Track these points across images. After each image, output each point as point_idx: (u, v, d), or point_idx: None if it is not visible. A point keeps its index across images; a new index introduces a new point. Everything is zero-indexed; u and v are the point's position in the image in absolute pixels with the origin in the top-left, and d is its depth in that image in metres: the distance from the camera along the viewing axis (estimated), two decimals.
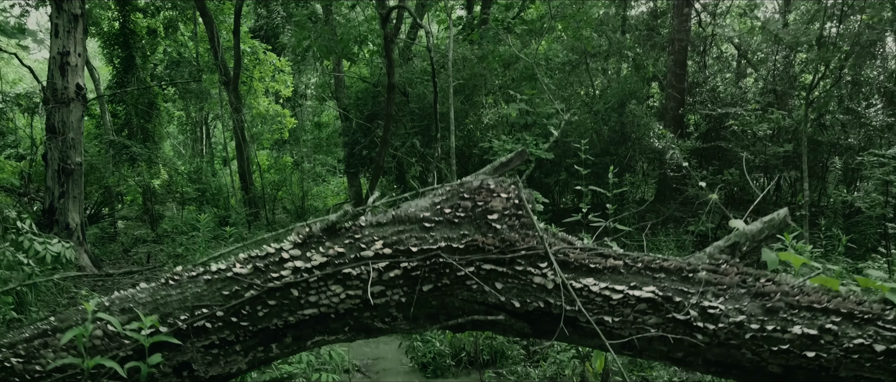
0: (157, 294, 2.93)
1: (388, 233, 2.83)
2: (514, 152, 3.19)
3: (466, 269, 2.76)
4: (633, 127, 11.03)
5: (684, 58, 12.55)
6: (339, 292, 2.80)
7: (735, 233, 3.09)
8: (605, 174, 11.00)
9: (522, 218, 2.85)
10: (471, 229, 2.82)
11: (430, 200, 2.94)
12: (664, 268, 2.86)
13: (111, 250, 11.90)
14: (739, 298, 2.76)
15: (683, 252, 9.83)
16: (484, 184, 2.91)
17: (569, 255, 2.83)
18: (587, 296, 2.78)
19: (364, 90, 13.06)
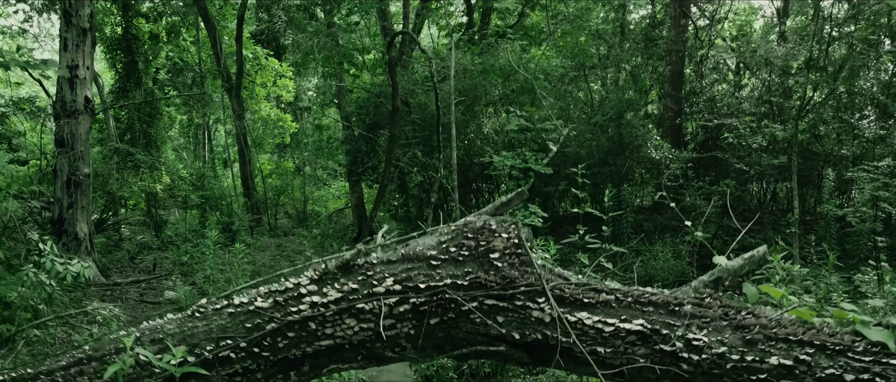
0: (184, 326, 3.17)
1: (398, 270, 3.09)
2: (514, 193, 3.44)
3: (470, 304, 3.01)
4: (630, 137, 11.27)
5: (681, 68, 12.80)
6: (353, 325, 3.05)
7: (718, 269, 3.34)
8: (604, 184, 11.29)
9: (522, 257, 3.11)
10: (474, 266, 3.08)
11: (436, 238, 3.19)
12: (652, 302, 3.11)
13: (117, 258, 12.14)
14: (722, 330, 3.02)
15: (680, 261, 10.10)
16: (486, 225, 3.16)
17: (564, 290, 3.08)
18: (581, 329, 3.04)
19: (366, 99, 13.30)
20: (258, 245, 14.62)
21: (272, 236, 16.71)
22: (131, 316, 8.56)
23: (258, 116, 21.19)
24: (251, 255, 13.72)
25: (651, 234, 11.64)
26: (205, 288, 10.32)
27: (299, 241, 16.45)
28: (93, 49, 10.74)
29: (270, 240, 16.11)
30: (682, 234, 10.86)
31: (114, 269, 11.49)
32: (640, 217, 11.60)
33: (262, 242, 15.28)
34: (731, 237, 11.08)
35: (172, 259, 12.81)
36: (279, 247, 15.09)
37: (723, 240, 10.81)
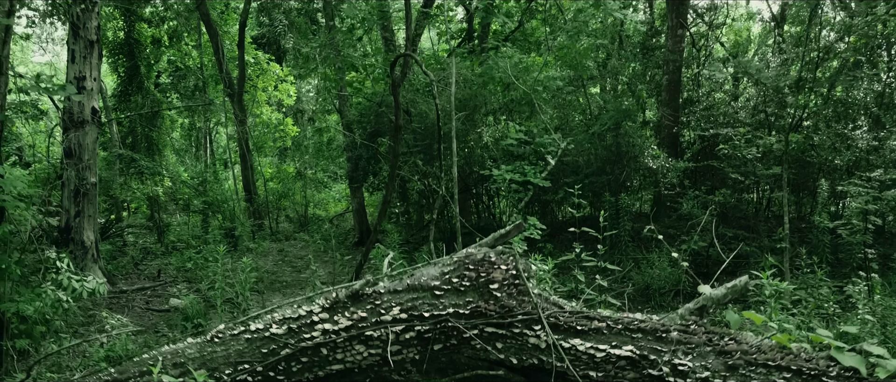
0: (204, 350, 3.41)
1: (404, 300, 3.33)
2: (512, 225, 3.68)
3: (471, 332, 3.25)
4: (628, 146, 11.50)
5: (678, 77, 13.02)
6: (362, 351, 3.29)
7: (703, 297, 3.58)
8: (603, 192, 11.52)
9: (519, 287, 3.34)
10: (475, 296, 3.32)
11: (439, 269, 3.43)
12: (641, 329, 3.35)
13: (122, 264, 12.36)
14: (705, 356, 3.25)
15: (676, 269, 10.32)
16: (486, 257, 3.39)
17: (559, 318, 3.32)
18: (575, 354, 3.27)
19: (367, 107, 13.53)
20: (260, 250, 14.86)
21: (274, 240, 16.95)
22: (139, 325, 8.79)
23: (259, 120, 21.44)
24: (254, 261, 13.98)
25: (648, 241, 11.86)
26: (209, 296, 10.55)
27: (301, 245, 16.70)
28: (99, 61, 10.96)
29: (272, 245, 16.35)
30: (679, 242, 11.09)
31: (119, 276, 11.71)
32: (637, 225, 11.82)
33: (264, 247, 15.52)
34: (727, 245, 11.32)
35: (176, 265, 13.03)
36: (281, 252, 15.32)
37: (719, 248, 11.03)
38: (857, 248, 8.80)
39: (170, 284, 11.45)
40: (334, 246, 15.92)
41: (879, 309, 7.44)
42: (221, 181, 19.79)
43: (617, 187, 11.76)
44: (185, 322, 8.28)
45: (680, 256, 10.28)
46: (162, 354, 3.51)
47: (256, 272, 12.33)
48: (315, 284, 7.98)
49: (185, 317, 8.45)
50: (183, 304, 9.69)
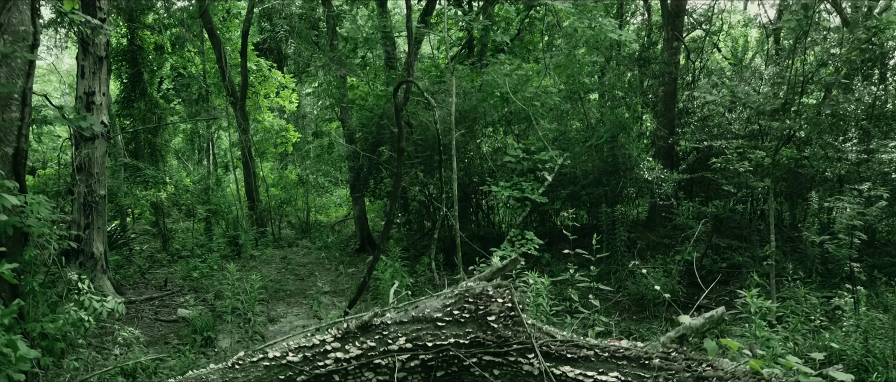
0: (226, 376, 3.74)
1: (409, 330, 3.66)
2: (508, 260, 4.02)
3: (471, 360, 3.58)
4: (624, 158, 11.83)
5: (674, 89, 13.35)
6: (371, 377, 3.62)
7: (682, 326, 3.91)
8: (598, 205, 11.84)
9: (515, 318, 3.68)
10: (474, 327, 3.65)
11: (441, 301, 3.76)
12: (626, 356, 3.68)
13: (129, 274, 12.69)
14: (684, 381, 3.58)
15: (670, 279, 10.64)
16: (484, 290, 3.73)
17: (551, 347, 3.65)
18: (565, 380, 3.60)
19: (369, 119, 13.85)
20: (264, 258, 15.19)
21: (277, 247, 17.29)
22: (149, 337, 9.12)
23: (261, 125, 21.76)
24: (258, 268, 14.32)
25: (644, 251, 12.21)
26: (216, 305, 10.89)
27: (303, 252, 17.04)
28: (108, 76, 11.28)
29: (275, 251, 16.69)
30: (673, 252, 11.42)
31: (127, 285, 12.05)
32: (633, 235, 12.16)
33: (267, 254, 15.86)
34: (720, 256, 11.67)
35: (181, 273, 13.36)
36: (284, 259, 15.65)
37: (712, 258, 11.37)
38: (845, 260, 9.12)
39: (176, 294, 11.78)
40: (337, 255, 16.28)
41: (865, 321, 7.77)
42: (223, 187, 20.13)
43: (613, 197, 12.09)
44: (195, 335, 8.60)
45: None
46: (186, 379, 3.84)
47: (261, 280, 12.69)
48: (320, 301, 8.29)
49: (195, 330, 8.77)
50: (190, 315, 10.03)
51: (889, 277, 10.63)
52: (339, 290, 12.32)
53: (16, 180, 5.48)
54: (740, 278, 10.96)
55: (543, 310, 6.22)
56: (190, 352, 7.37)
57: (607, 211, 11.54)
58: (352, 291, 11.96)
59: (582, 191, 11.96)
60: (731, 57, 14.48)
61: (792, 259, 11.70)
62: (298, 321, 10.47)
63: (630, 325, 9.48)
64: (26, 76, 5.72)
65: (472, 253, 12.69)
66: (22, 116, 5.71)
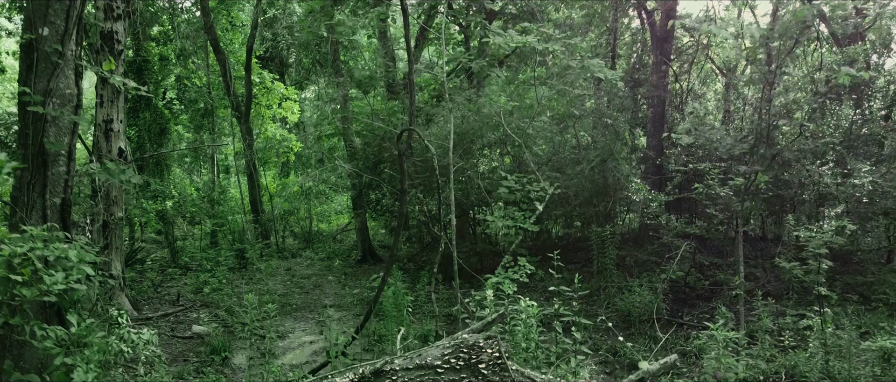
0: None
1: (415, 376, 4.45)
2: (497, 314, 4.81)
3: None
4: (613, 180, 12.63)
5: (662, 111, 14.15)
6: None
7: (641, 371, 4.71)
8: (589, 225, 12.62)
9: (502, 365, 4.47)
10: (468, 373, 4.45)
11: (440, 351, 4.56)
12: None
13: (143, 289, 13.46)
14: None
15: (655, 297, 11.42)
16: (476, 342, 4.52)
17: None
18: None
19: (371, 139, 14.62)
20: (269, 271, 15.97)
21: (281, 258, 18.08)
22: (167, 353, 9.91)
23: (264, 135, 22.53)
24: (263, 280, 15.12)
25: (631, 268, 13.01)
26: (227, 320, 11.68)
27: (307, 263, 17.83)
28: (125, 104, 12.05)
29: (280, 262, 17.49)
30: (659, 270, 12.22)
31: (142, 300, 12.83)
32: (621, 253, 12.95)
33: (271, 266, 16.65)
34: (703, 274, 12.48)
35: (192, 286, 14.15)
36: (289, 271, 16.45)
37: (695, 276, 12.17)
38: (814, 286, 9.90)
39: (189, 309, 12.56)
40: (339, 266, 17.07)
41: (831, 341, 8.57)
42: (227, 193, 20.91)
43: (603, 217, 12.88)
44: (214, 355, 9.39)
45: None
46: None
47: (267, 294, 13.48)
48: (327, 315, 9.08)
49: (213, 350, 9.55)
50: (205, 331, 10.83)
51: (861, 295, 11.47)
52: (344, 304, 13.09)
53: (63, 229, 6.27)
54: (723, 296, 11.76)
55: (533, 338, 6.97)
56: (211, 374, 8.15)
57: (597, 231, 12.33)
58: (356, 305, 12.78)
59: (574, 211, 12.76)
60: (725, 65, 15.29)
61: (772, 276, 12.53)
62: (306, 337, 11.25)
63: (616, 343, 10.27)
64: (71, 134, 6.50)
65: (470, 267, 13.53)
66: (68, 170, 6.49)
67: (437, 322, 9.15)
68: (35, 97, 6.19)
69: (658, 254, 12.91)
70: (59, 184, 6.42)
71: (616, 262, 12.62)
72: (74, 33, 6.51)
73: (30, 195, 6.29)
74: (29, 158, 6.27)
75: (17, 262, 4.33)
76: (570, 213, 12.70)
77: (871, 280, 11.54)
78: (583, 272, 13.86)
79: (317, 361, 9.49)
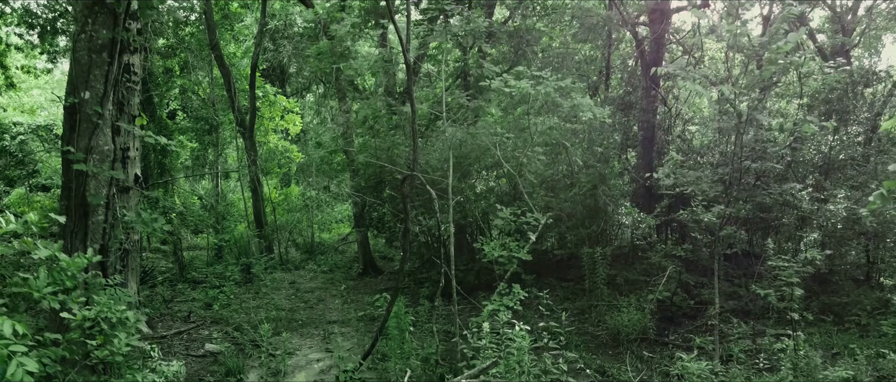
0: None
1: None
2: (490, 361, 5.62)
3: None
4: (604, 203, 13.45)
5: (652, 134, 14.96)
6: None
7: None
8: (582, 245, 13.44)
9: None
10: None
11: None
12: None
13: (156, 306, 14.26)
14: None
15: (643, 316, 12.22)
16: None
17: None
18: None
19: (374, 162, 15.41)
20: (274, 285, 16.80)
21: (284, 270, 18.90)
22: (186, 373, 10.71)
23: (266, 147, 23.34)
24: (268, 294, 15.95)
25: (622, 286, 13.84)
26: (237, 338, 12.48)
27: (310, 276, 18.64)
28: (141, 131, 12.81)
29: (284, 275, 18.31)
30: (648, 290, 13.04)
31: (155, 317, 13.63)
32: (613, 271, 13.78)
33: (276, 279, 17.47)
34: (689, 293, 13.31)
35: (201, 300, 14.95)
36: (293, 284, 17.26)
37: (681, 296, 13.00)
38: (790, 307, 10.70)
39: (201, 326, 13.36)
40: (341, 279, 17.90)
41: (803, 363, 9.40)
42: (232, 206, 21.71)
43: (595, 238, 13.71)
44: (229, 377, 10.20)
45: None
46: None
47: (274, 310, 14.30)
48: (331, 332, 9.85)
49: (228, 371, 10.35)
50: (218, 349, 11.63)
51: (836, 315, 12.30)
52: (348, 321, 13.89)
53: (103, 274, 7.08)
54: (708, 314, 12.59)
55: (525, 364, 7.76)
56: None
57: (589, 251, 13.16)
58: (359, 322, 13.58)
59: (567, 232, 13.60)
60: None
61: (755, 294, 13.36)
62: (313, 355, 12.05)
63: (605, 362, 11.08)
64: (109, 186, 7.30)
65: (468, 281, 14.37)
66: (106, 219, 7.30)
67: (437, 346, 9.95)
68: (78, 155, 6.99)
69: (648, 273, 13.73)
70: (98, 232, 7.23)
71: (607, 280, 13.45)
72: (111, 95, 7.31)
73: (73, 243, 7.10)
74: (71, 209, 7.08)
75: (88, 326, 5.12)
76: (564, 234, 13.52)
77: (845, 301, 12.35)
78: (576, 289, 14.77)
79: (325, 381, 10.31)
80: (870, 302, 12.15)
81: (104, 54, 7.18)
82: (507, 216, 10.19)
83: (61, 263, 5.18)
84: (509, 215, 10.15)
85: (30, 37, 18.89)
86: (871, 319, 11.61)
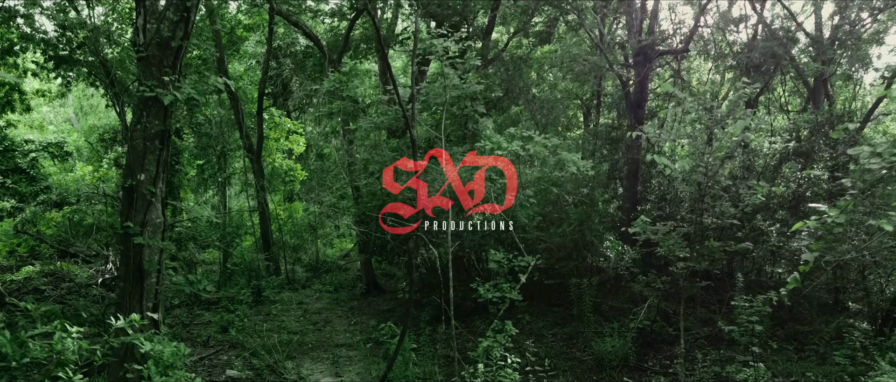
0: None
1: None
2: None
3: None
4: (590, 237, 14.95)
5: (637, 169, 16.44)
6: None
7: None
8: (569, 278, 14.93)
9: None
10: None
11: None
12: None
13: (176, 331, 15.72)
14: None
15: (625, 343, 13.70)
16: None
17: None
18: None
19: (374, 193, 16.87)
20: (282, 306, 18.29)
21: (292, 290, 20.38)
22: None
23: (271, 166, 24.79)
24: (278, 316, 17.44)
25: (607, 313, 15.35)
26: (254, 363, 13.95)
27: (316, 296, 20.13)
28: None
29: (292, 295, 19.80)
30: (630, 318, 14.54)
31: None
32: (598, 300, 15.29)
33: (284, 300, 18.96)
34: (667, 321, 14.82)
35: (217, 324, 16.41)
36: (300, 305, 18.75)
37: (660, 324, 14.51)
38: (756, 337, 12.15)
39: (220, 351, 14.82)
40: (346, 298, 19.40)
41: None
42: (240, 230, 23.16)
43: (582, 270, 15.22)
44: None
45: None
46: None
47: (286, 333, 15.77)
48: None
49: None
50: (238, 376, 13.11)
51: (799, 343, 13.81)
52: (354, 344, 15.37)
53: (154, 327, 8.56)
54: (686, 340, 14.08)
55: None
56: None
57: (576, 282, 14.66)
58: (365, 345, 15.06)
59: (556, 264, 15.11)
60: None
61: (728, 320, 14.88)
62: (324, 378, 13.55)
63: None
64: (160, 253, 8.76)
65: (466, 305, 15.87)
66: (158, 281, 8.77)
67: (437, 376, 11.44)
68: (135, 229, 8.45)
69: (632, 301, 15.24)
70: (151, 293, 8.70)
71: (593, 308, 14.95)
72: (163, 175, 8.77)
73: (130, 302, 8.57)
74: (129, 274, 8.54)
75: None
76: (554, 265, 15.01)
77: (807, 330, 13.87)
78: (565, 315, 16.28)
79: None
80: (830, 331, 13.64)
81: (156, 142, 8.61)
82: (500, 259, 11.66)
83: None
84: (502, 258, 11.62)
85: (46, 65, 20.25)
86: (829, 348, 13.12)
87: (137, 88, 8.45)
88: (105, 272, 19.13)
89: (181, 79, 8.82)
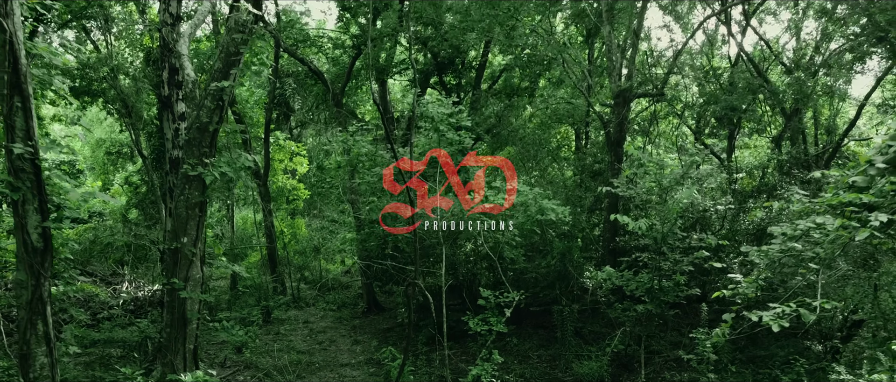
0: None
1: None
2: None
3: None
4: (572, 267, 16.93)
5: (616, 201, 18.41)
6: None
7: None
8: (552, 304, 16.92)
9: None
10: None
11: None
12: None
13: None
14: None
15: (601, 365, 15.68)
16: None
17: None
18: None
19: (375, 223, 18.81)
20: (290, 326, 20.26)
21: (297, 308, 22.38)
22: None
23: (275, 185, 26.75)
24: (287, 337, 19.42)
25: (588, 336, 17.36)
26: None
27: (321, 314, 22.11)
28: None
29: (298, 313, 21.79)
30: (606, 343, 16.53)
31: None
32: (578, 325, 17.29)
33: (291, 319, 20.94)
34: (639, 344, 16.82)
35: (231, 342, 18.38)
36: (306, 323, 20.73)
37: (633, 348, 16.52)
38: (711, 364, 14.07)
39: (236, 370, 16.79)
40: (349, 317, 21.39)
41: None
42: (247, 250, 25.13)
43: (564, 297, 17.21)
44: None
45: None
46: None
47: (295, 353, 17.75)
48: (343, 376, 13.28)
49: None
50: None
51: (756, 367, 15.78)
52: (357, 363, 17.36)
53: (195, 365, 10.55)
54: (659, 360, 16.08)
55: None
56: None
57: (558, 308, 16.66)
58: (367, 365, 17.04)
59: (541, 292, 17.13)
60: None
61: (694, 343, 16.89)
62: None
63: None
64: (199, 303, 10.74)
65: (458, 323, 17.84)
66: (197, 326, 10.75)
67: None
68: (180, 284, 10.42)
69: (610, 326, 17.23)
70: (192, 336, 10.67)
71: (575, 331, 16.95)
72: (201, 236, 10.73)
73: (175, 345, 10.55)
74: (174, 322, 10.52)
75: None
76: (539, 293, 17.02)
77: (764, 354, 15.87)
78: (549, 337, 18.28)
79: None
80: (784, 355, 15.62)
81: (196, 209, 10.57)
82: (489, 296, 13.63)
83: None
84: (490, 295, 13.59)
85: (66, 96, 22.14)
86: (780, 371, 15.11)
87: (183, 167, 10.38)
88: (121, 291, 21.11)
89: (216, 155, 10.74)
